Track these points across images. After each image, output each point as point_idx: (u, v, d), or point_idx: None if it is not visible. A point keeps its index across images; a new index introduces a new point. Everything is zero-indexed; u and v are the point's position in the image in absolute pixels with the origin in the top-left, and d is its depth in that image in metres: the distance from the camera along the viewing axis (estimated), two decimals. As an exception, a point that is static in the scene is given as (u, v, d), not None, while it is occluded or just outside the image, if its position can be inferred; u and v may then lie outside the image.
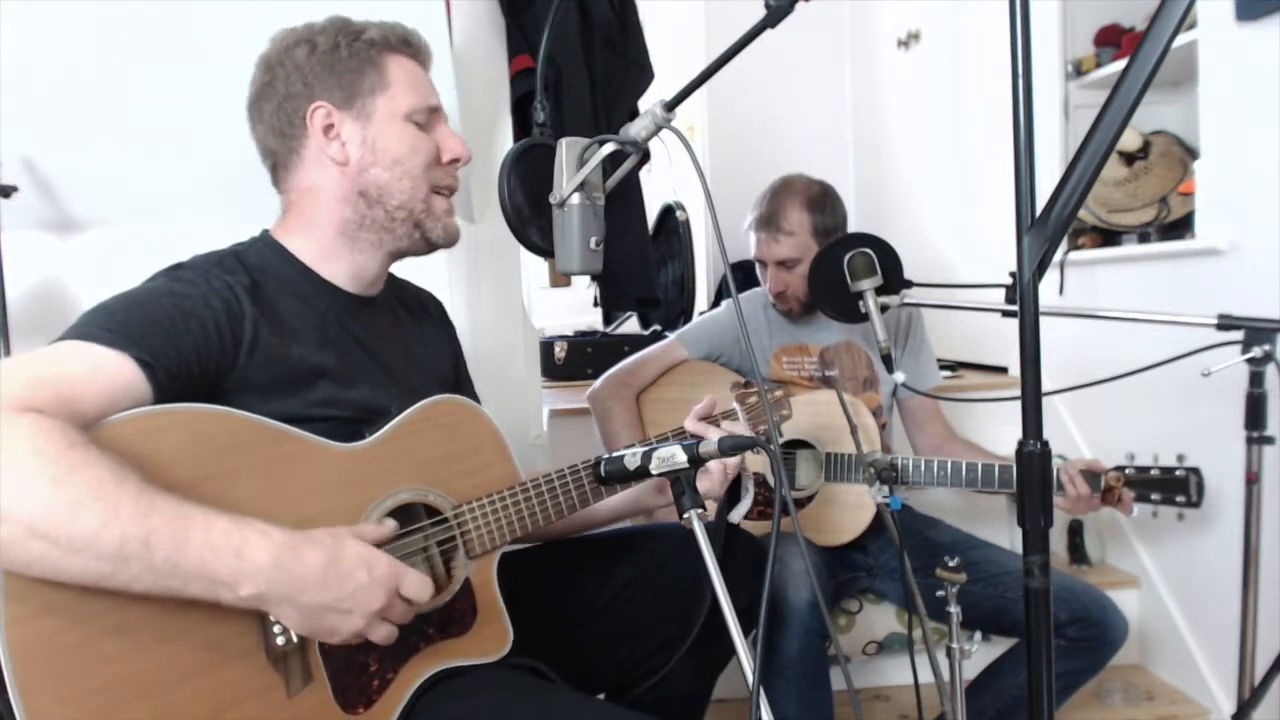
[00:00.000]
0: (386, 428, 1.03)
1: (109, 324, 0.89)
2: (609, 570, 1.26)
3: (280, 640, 0.89)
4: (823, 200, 1.80)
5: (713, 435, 1.18)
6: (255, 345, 0.97)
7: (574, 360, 2.87)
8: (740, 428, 1.28)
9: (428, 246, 1.14)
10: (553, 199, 1.04)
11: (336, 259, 1.10)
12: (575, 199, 1.02)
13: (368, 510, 0.99)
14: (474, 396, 1.29)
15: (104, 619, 0.80)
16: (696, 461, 0.97)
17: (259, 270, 1.04)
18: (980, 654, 1.24)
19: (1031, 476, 0.73)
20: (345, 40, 1.06)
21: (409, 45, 1.11)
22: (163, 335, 0.91)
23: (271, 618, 0.88)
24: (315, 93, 1.06)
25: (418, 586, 0.92)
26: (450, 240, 1.15)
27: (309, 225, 1.09)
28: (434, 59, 1.17)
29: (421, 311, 1.27)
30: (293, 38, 1.08)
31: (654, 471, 0.99)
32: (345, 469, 0.99)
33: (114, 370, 0.87)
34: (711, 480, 1.17)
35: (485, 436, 1.13)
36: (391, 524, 0.98)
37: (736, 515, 1.24)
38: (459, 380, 1.30)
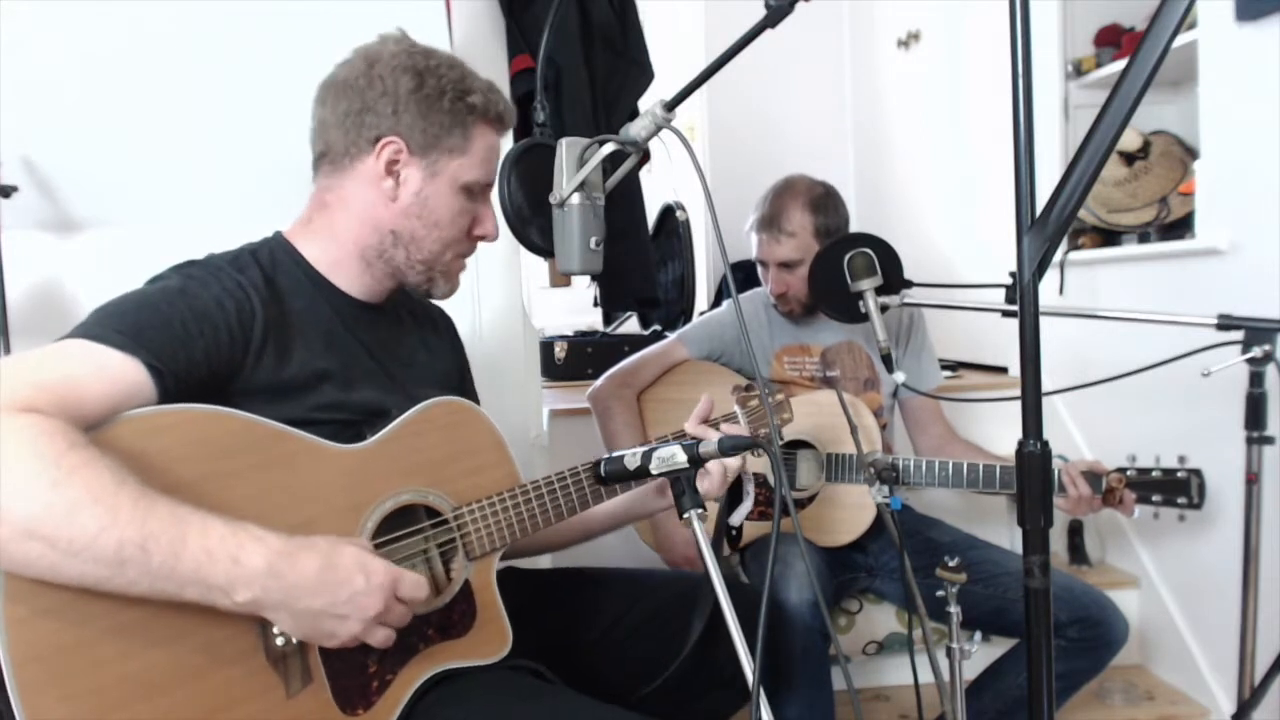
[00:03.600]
0: (387, 428, 1.03)
1: (120, 325, 0.89)
2: (617, 608, 1.26)
3: (279, 641, 0.89)
4: (825, 201, 1.80)
5: (713, 437, 1.18)
6: (264, 348, 0.97)
7: (574, 360, 2.87)
8: (741, 430, 1.27)
9: (427, 295, 1.17)
10: (553, 199, 1.04)
11: (348, 272, 1.11)
12: (575, 199, 1.02)
13: (368, 511, 0.99)
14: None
15: (104, 619, 0.80)
16: (696, 462, 0.97)
17: (270, 271, 1.04)
18: (980, 654, 1.24)
19: (1031, 477, 0.73)
20: (452, 95, 1.06)
21: (500, 121, 1.12)
22: (174, 339, 0.90)
23: (271, 619, 0.88)
24: (399, 126, 1.05)
25: (414, 588, 0.92)
26: (447, 296, 1.18)
27: (330, 235, 1.09)
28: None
29: (429, 322, 1.28)
30: (407, 60, 1.05)
31: (654, 471, 0.99)
32: (346, 470, 0.99)
33: (120, 373, 0.86)
34: (711, 481, 1.16)
35: (486, 438, 1.13)
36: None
37: (737, 517, 1.24)
38: (464, 392, 1.30)
